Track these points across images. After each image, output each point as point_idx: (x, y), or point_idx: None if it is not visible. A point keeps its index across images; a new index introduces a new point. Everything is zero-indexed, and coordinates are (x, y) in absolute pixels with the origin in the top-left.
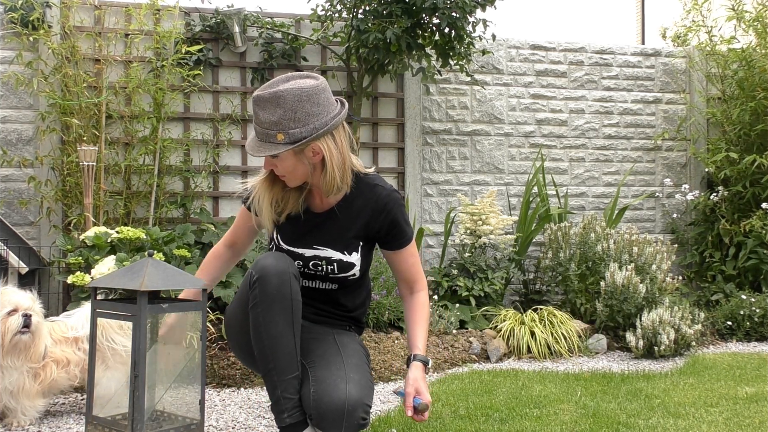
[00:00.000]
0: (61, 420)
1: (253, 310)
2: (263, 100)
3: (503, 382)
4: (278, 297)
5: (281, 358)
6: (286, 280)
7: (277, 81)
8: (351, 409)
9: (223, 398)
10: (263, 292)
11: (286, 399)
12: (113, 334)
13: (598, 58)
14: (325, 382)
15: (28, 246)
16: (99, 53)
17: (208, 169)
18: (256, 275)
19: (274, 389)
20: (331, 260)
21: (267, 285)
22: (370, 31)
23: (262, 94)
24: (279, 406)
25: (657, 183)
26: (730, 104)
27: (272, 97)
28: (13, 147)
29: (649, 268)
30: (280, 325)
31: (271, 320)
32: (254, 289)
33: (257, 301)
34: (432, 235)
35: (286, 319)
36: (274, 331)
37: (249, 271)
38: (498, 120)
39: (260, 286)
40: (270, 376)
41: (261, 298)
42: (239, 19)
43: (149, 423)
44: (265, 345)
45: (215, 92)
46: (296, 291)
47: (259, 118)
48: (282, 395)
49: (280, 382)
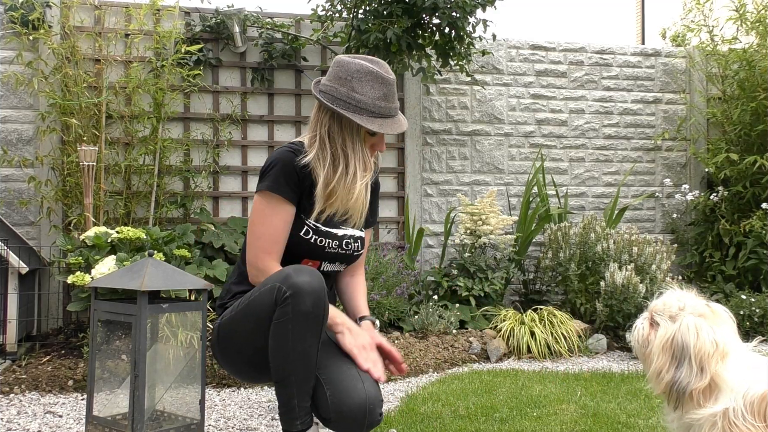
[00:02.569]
0: (62, 420)
1: (282, 325)
2: (392, 82)
3: (503, 382)
4: (312, 316)
5: (303, 371)
6: (322, 298)
7: (372, 60)
8: (371, 407)
9: (223, 398)
10: (296, 311)
11: (301, 407)
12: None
13: (598, 58)
14: (342, 385)
15: (28, 246)
16: (99, 53)
17: (208, 169)
18: (288, 291)
19: (290, 398)
20: (356, 237)
21: (301, 304)
22: (371, 31)
23: (390, 77)
24: (293, 413)
25: (657, 183)
26: (731, 104)
27: (394, 80)
28: (14, 147)
29: (648, 268)
30: (308, 341)
31: (301, 337)
32: (285, 306)
33: (288, 317)
34: (432, 235)
35: (314, 336)
36: (301, 347)
37: (274, 285)
38: (498, 120)
39: (293, 304)
40: (288, 385)
41: (293, 315)
42: (239, 19)
43: (149, 423)
44: (290, 360)
45: (215, 92)
46: (327, 307)
47: (394, 98)
48: (298, 404)
49: (298, 392)
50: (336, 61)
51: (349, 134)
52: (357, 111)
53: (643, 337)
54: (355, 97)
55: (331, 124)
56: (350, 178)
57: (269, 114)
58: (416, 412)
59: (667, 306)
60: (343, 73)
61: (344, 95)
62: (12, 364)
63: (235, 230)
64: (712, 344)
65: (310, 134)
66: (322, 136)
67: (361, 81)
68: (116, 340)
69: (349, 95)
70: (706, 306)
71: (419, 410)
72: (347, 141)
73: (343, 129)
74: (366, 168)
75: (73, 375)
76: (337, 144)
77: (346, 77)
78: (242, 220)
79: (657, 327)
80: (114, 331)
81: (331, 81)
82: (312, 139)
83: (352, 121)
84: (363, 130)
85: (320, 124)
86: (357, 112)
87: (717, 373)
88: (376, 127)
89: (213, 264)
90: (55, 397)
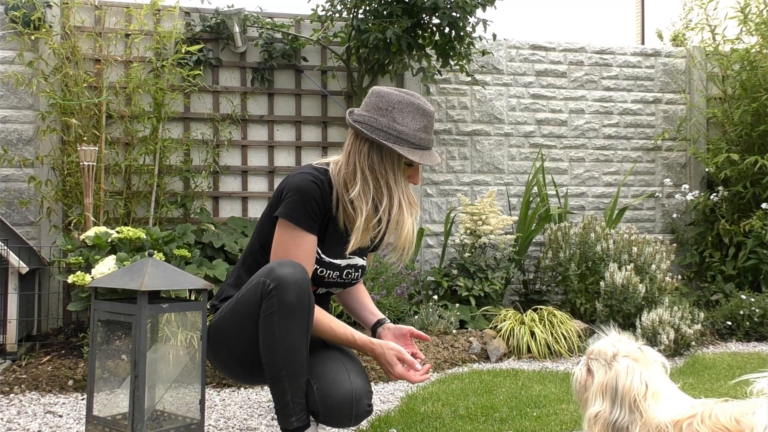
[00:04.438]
0: (62, 420)
1: (267, 318)
2: (432, 114)
3: (503, 382)
4: (298, 306)
5: (295, 366)
6: (306, 289)
7: (409, 92)
8: (358, 398)
9: (223, 398)
10: (281, 301)
11: (296, 403)
12: None
13: (598, 58)
14: (328, 378)
15: (28, 246)
16: (99, 53)
17: (208, 169)
18: (271, 284)
19: (283, 394)
20: (358, 266)
21: (286, 294)
22: (371, 31)
23: (430, 110)
24: (287, 410)
25: (657, 183)
26: (732, 104)
27: (433, 112)
28: (14, 147)
29: (648, 268)
30: (296, 333)
31: (288, 329)
32: (270, 298)
33: (273, 309)
34: (432, 235)
35: (302, 328)
36: (290, 340)
37: (259, 279)
38: (498, 120)
39: (278, 296)
40: (280, 381)
41: (279, 306)
42: (239, 19)
43: (149, 423)
44: (279, 353)
45: (215, 92)
46: (312, 299)
47: (432, 130)
48: (292, 399)
49: (291, 387)
50: (373, 91)
51: (390, 165)
52: (398, 142)
53: (580, 383)
54: (396, 127)
55: (370, 155)
56: (395, 210)
57: (269, 114)
58: (416, 411)
59: (602, 351)
60: (383, 103)
61: (385, 126)
62: (12, 364)
63: (235, 230)
64: (644, 385)
65: (348, 168)
66: (362, 168)
67: (402, 112)
68: (116, 340)
69: (390, 126)
70: (638, 350)
71: (419, 410)
72: (389, 172)
73: (384, 160)
74: (411, 202)
75: (73, 375)
76: (379, 176)
77: (387, 107)
78: (242, 220)
79: (593, 373)
80: (114, 331)
81: (369, 111)
82: (352, 173)
83: (393, 152)
84: (403, 161)
85: (359, 155)
86: (398, 143)
87: (650, 412)
88: (417, 158)
89: (213, 264)
90: (55, 397)
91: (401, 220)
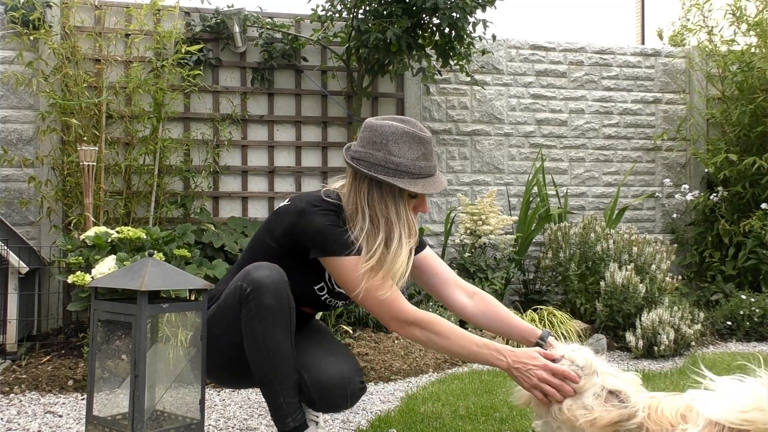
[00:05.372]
0: (62, 420)
1: (249, 323)
2: (429, 140)
3: (503, 382)
4: (276, 307)
5: (282, 367)
6: (283, 289)
7: (403, 120)
8: (349, 377)
9: (223, 398)
10: (260, 305)
11: (289, 404)
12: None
13: (598, 58)
14: (315, 365)
15: (28, 246)
16: (99, 53)
17: (208, 169)
18: (248, 287)
19: (275, 397)
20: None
21: (263, 297)
22: (371, 31)
23: (426, 136)
24: (281, 411)
25: (657, 183)
26: (730, 105)
27: (431, 137)
28: (14, 147)
29: (648, 268)
30: (279, 335)
31: (270, 332)
32: (248, 303)
33: (253, 314)
34: (432, 235)
35: (284, 329)
36: (274, 343)
37: (236, 284)
38: (498, 120)
39: (255, 299)
40: (270, 384)
41: (257, 311)
42: (239, 19)
43: (149, 423)
44: (264, 357)
45: (215, 92)
46: (291, 299)
47: (432, 155)
48: (284, 401)
49: (282, 389)
50: (366, 125)
51: (391, 200)
52: (397, 174)
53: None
54: (393, 160)
55: (370, 192)
56: (394, 245)
57: (269, 114)
58: (416, 412)
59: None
60: (377, 137)
61: (381, 160)
62: (12, 363)
63: (235, 230)
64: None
65: (350, 207)
66: (362, 207)
67: (398, 143)
68: (116, 340)
69: (386, 159)
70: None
71: (419, 410)
72: (390, 207)
73: (385, 195)
74: (411, 234)
75: (73, 375)
76: (379, 213)
77: (381, 141)
78: (242, 220)
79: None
80: (114, 331)
81: (364, 147)
82: (354, 212)
83: (394, 186)
84: (405, 193)
85: (359, 194)
86: (397, 176)
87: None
88: (419, 188)
89: (213, 264)
90: (55, 397)
91: (398, 253)
